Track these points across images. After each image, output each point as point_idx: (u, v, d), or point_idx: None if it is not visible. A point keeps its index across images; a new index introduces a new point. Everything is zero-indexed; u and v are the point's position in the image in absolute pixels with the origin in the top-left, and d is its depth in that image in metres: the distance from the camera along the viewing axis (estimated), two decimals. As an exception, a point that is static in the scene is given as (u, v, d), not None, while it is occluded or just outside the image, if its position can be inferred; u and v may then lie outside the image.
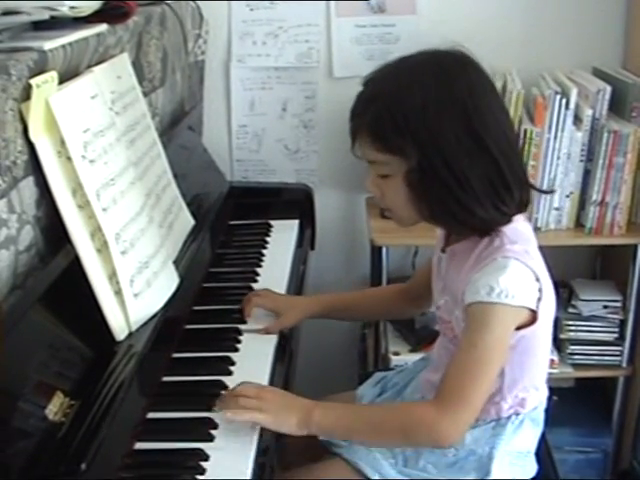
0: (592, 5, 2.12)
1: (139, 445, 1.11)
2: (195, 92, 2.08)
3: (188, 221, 1.58)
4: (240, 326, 1.45)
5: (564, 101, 1.90)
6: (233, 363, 1.32)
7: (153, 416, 1.18)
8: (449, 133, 1.14)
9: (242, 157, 2.27)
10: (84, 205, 1.14)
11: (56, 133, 1.11)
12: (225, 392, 1.21)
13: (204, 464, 1.08)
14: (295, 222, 1.96)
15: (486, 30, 2.10)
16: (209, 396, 1.21)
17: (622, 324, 2.04)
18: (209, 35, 2.09)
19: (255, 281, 1.65)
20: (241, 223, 1.94)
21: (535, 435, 1.31)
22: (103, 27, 1.31)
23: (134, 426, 1.13)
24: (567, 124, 1.92)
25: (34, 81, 1.04)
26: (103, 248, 1.17)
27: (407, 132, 1.15)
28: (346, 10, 2.13)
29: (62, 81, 1.14)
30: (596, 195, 1.95)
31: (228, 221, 1.92)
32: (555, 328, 2.06)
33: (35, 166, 1.07)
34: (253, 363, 1.34)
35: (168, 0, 1.77)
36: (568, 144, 1.94)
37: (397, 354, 2.05)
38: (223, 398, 1.20)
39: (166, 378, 1.28)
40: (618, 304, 2.05)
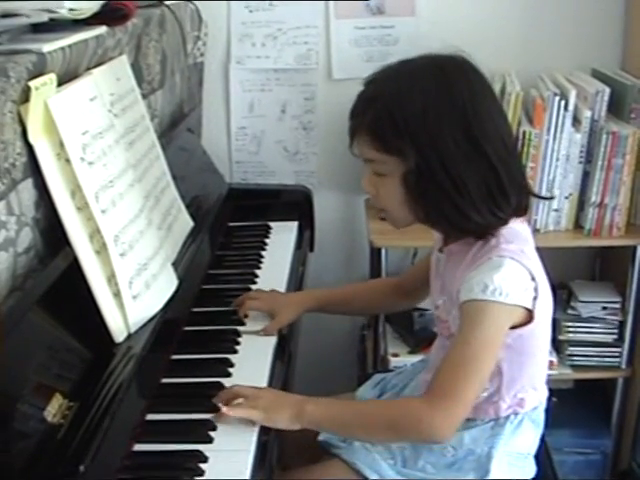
0: (591, 6, 2.12)
1: (138, 447, 1.11)
2: (194, 94, 2.08)
3: (187, 223, 1.58)
4: (239, 328, 1.45)
5: (563, 103, 1.90)
6: (232, 365, 1.32)
7: (152, 418, 1.18)
8: (448, 137, 1.15)
9: (241, 159, 2.27)
10: (83, 207, 1.15)
11: (55, 135, 1.11)
12: (220, 393, 1.21)
13: (203, 466, 1.08)
14: (294, 224, 1.96)
15: (485, 32, 2.10)
16: (208, 398, 1.21)
17: (621, 325, 2.04)
18: (208, 37, 2.09)
19: (254, 283, 1.65)
20: (240, 225, 1.94)
21: (535, 436, 1.31)
22: (102, 29, 1.31)
23: (133, 428, 1.13)
24: (566, 126, 1.92)
25: (33, 83, 1.04)
26: (102, 250, 1.17)
27: (406, 134, 1.16)
28: (345, 12, 2.13)
29: (61, 83, 1.15)
30: (595, 196, 1.95)
31: (227, 223, 1.92)
32: (554, 329, 2.06)
33: (34, 168, 1.07)
34: (252, 365, 1.34)
35: (167, 2, 1.77)
36: (567, 145, 1.93)
37: (396, 355, 2.06)
38: (217, 400, 1.20)
39: (165, 380, 1.28)
40: (617, 305, 2.06)
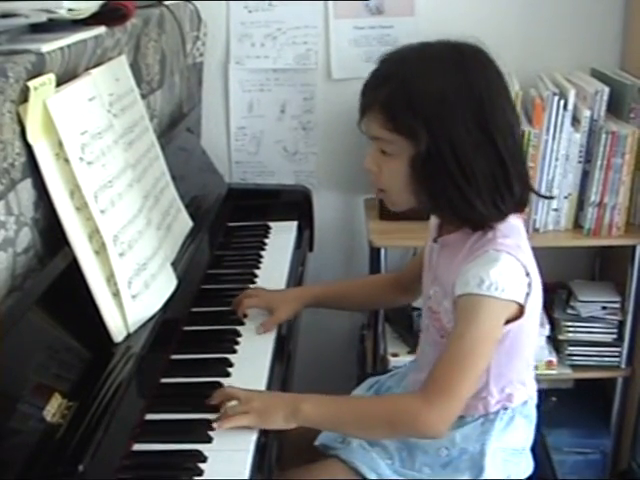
0: (590, 6, 2.12)
1: (137, 446, 1.11)
2: (193, 94, 2.08)
3: (186, 223, 1.58)
4: (238, 327, 1.45)
5: (562, 102, 1.90)
6: (231, 365, 1.32)
7: (151, 417, 1.18)
8: (461, 124, 1.15)
9: (241, 159, 2.27)
10: (82, 207, 1.15)
11: (54, 135, 1.11)
12: (214, 394, 1.21)
13: (202, 465, 1.08)
14: (294, 224, 1.96)
15: (484, 31, 2.05)
16: (207, 398, 1.21)
17: (621, 325, 2.04)
18: (207, 37, 2.09)
19: (254, 283, 1.65)
20: (240, 225, 1.94)
21: (528, 431, 1.31)
22: (101, 29, 1.31)
23: (132, 427, 1.13)
24: (565, 125, 1.92)
25: (32, 83, 1.04)
26: (101, 250, 1.17)
27: (421, 116, 1.15)
28: (344, 12, 2.13)
29: (60, 83, 1.15)
30: (594, 196, 1.95)
31: (226, 223, 1.92)
32: (553, 329, 2.07)
33: (33, 168, 1.07)
34: (251, 365, 1.34)
35: (166, 2, 1.77)
36: (566, 145, 1.93)
37: (395, 355, 2.06)
38: (211, 401, 1.20)
39: (164, 380, 1.28)
40: (617, 305, 2.06)
